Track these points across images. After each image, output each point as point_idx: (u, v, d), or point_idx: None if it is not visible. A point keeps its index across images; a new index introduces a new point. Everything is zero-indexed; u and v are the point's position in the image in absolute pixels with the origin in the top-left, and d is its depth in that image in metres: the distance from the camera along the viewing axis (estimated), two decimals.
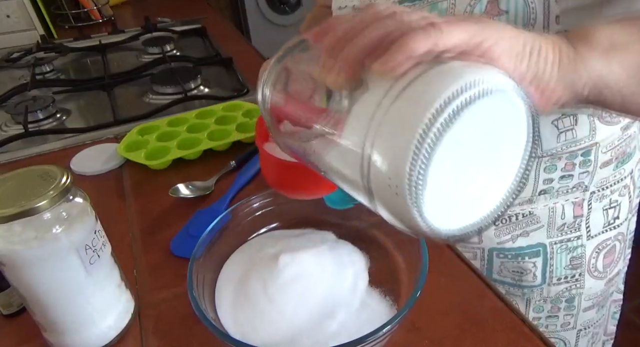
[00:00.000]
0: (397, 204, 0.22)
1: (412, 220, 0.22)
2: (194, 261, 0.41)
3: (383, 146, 0.22)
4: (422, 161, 0.20)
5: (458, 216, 0.24)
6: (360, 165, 0.23)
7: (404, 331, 0.43)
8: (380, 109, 0.22)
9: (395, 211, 0.23)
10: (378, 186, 0.23)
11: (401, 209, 0.22)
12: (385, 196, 0.22)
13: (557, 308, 0.57)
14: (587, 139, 0.48)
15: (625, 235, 0.58)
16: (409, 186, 0.21)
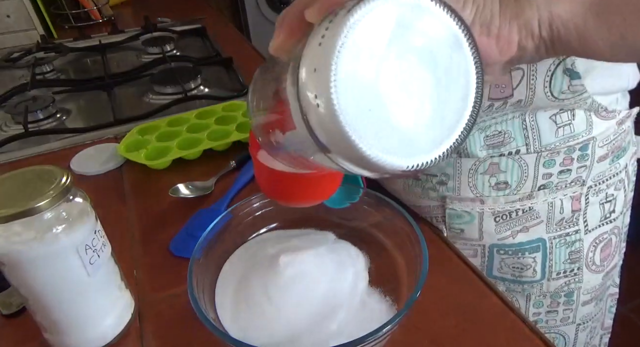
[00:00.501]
0: (328, 124, 0.21)
1: (345, 138, 0.21)
2: (194, 261, 0.41)
3: (303, 66, 0.21)
4: (335, 63, 0.20)
5: (400, 143, 0.22)
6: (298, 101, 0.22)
7: (404, 331, 0.43)
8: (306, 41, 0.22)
9: (331, 135, 0.21)
10: (311, 116, 0.22)
11: (332, 126, 0.21)
12: (318, 120, 0.21)
13: (556, 303, 0.58)
14: (584, 134, 0.48)
15: (621, 228, 0.58)
16: (328, 91, 0.20)
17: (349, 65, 0.20)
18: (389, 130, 0.22)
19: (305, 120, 0.22)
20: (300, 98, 0.22)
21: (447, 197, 0.53)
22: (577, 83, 0.44)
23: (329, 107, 0.20)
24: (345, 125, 0.20)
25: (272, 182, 0.39)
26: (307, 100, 0.21)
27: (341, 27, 0.20)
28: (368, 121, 0.21)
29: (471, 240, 0.55)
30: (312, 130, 0.22)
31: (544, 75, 0.43)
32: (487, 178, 0.51)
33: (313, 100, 0.21)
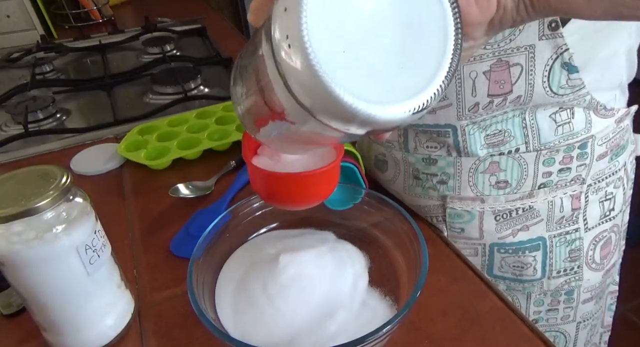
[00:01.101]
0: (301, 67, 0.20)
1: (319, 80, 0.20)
2: (194, 261, 0.41)
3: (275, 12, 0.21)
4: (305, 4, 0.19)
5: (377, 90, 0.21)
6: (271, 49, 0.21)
7: (404, 331, 0.43)
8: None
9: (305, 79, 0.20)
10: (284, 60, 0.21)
11: (305, 69, 0.20)
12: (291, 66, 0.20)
13: (557, 301, 0.58)
14: (583, 132, 0.49)
15: (620, 227, 0.59)
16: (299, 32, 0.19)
17: (321, 7, 0.19)
18: (369, 76, 0.21)
19: (286, 85, 0.21)
20: (274, 48, 0.21)
21: (447, 196, 0.53)
22: (575, 77, 0.44)
23: (301, 47, 0.19)
24: (317, 65, 0.19)
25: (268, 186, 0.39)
26: (278, 44, 0.20)
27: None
28: (343, 64, 0.20)
29: (471, 239, 0.55)
30: (296, 96, 0.21)
31: (542, 69, 0.44)
32: (488, 177, 0.51)
33: (285, 41, 0.20)
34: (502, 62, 0.43)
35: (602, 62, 0.46)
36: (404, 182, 0.57)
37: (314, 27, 0.19)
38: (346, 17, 0.20)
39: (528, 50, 0.43)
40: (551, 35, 0.42)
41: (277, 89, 0.22)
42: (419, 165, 0.54)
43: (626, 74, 0.51)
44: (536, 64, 0.43)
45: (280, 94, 0.22)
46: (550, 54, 0.43)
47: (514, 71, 0.44)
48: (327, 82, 0.20)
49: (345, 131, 0.23)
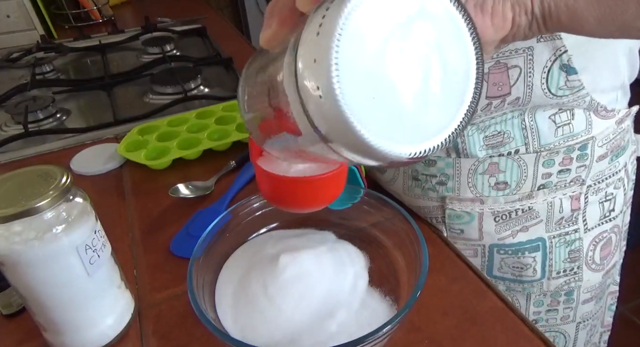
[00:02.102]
0: (331, 114, 0.20)
1: (349, 127, 0.20)
2: (194, 261, 0.41)
3: (301, 57, 0.21)
4: (336, 53, 0.19)
5: (403, 130, 0.22)
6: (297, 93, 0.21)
7: (404, 331, 0.43)
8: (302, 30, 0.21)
9: (335, 125, 0.21)
10: (312, 107, 0.21)
11: (336, 117, 0.20)
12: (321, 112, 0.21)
13: (556, 302, 0.58)
14: (583, 133, 0.48)
15: (621, 227, 0.58)
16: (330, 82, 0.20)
17: (349, 54, 0.20)
18: (393, 118, 0.21)
19: (305, 112, 0.22)
20: (300, 90, 0.21)
21: (446, 197, 0.53)
22: (574, 78, 0.44)
23: (332, 98, 0.20)
24: (349, 115, 0.20)
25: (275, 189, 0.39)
26: (307, 92, 0.21)
27: (339, 14, 0.20)
28: (372, 110, 0.21)
29: (471, 240, 0.55)
30: (313, 122, 0.22)
31: (541, 71, 0.44)
32: (487, 178, 0.51)
33: (314, 91, 0.20)
34: (501, 65, 0.43)
35: (602, 63, 0.46)
36: (403, 183, 0.57)
37: (345, 80, 0.20)
38: (374, 62, 0.21)
39: (526, 53, 0.43)
40: (549, 37, 0.42)
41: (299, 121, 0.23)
42: (418, 166, 0.54)
43: (628, 74, 0.50)
44: (535, 66, 0.43)
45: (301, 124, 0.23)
46: (549, 56, 0.43)
47: (512, 73, 0.44)
48: (357, 128, 0.20)
49: (358, 161, 0.24)
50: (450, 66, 0.23)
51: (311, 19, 0.21)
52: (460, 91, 0.23)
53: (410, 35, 0.21)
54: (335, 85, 0.20)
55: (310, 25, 0.21)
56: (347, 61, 0.20)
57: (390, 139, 0.21)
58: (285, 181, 0.36)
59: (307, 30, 0.21)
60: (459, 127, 0.23)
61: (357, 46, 0.20)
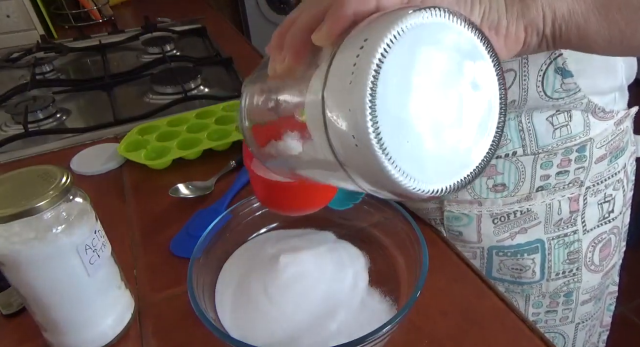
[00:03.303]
0: (367, 163, 0.21)
1: (386, 175, 0.21)
2: (194, 261, 0.41)
3: (333, 105, 0.21)
4: (371, 102, 0.20)
5: (435, 169, 0.22)
6: (326, 137, 0.22)
7: (404, 331, 0.43)
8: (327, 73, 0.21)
9: (369, 172, 0.21)
10: (345, 152, 0.21)
11: (372, 165, 0.21)
12: (354, 158, 0.21)
13: (555, 303, 0.58)
14: (581, 135, 0.48)
15: (620, 228, 0.58)
16: (367, 132, 0.20)
17: (384, 102, 0.20)
18: (426, 159, 0.22)
19: (334, 153, 0.22)
20: (329, 133, 0.21)
21: (444, 199, 0.53)
22: (569, 81, 0.44)
23: (369, 148, 0.20)
24: (385, 162, 0.20)
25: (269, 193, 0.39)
26: (340, 139, 0.21)
27: (372, 62, 0.20)
28: (406, 153, 0.21)
29: (470, 242, 0.55)
30: (342, 164, 0.22)
31: (536, 75, 0.43)
32: (485, 180, 0.51)
33: (349, 139, 0.20)
34: None
35: (599, 65, 0.46)
36: None
37: (382, 130, 0.20)
38: (409, 107, 0.21)
39: (521, 57, 0.43)
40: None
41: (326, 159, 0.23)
42: None
43: (625, 75, 0.50)
44: (530, 69, 0.43)
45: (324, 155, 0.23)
46: (544, 60, 0.43)
47: (507, 77, 0.44)
48: (392, 173, 0.21)
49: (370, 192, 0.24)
50: (476, 104, 0.23)
51: (340, 62, 0.21)
52: (484, 129, 0.24)
53: (441, 77, 0.21)
54: (372, 135, 0.20)
55: (340, 70, 0.21)
56: (382, 110, 0.20)
57: (420, 181, 0.21)
58: (279, 185, 0.36)
59: (335, 74, 0.21)
60: (483, 163, 0.24)
61: (391, 93, 0.20)
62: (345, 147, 0.21)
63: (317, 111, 0.22)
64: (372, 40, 0.20)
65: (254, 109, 0.30)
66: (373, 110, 0.20)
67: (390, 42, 0.20)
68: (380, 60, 0.20)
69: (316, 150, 0.23)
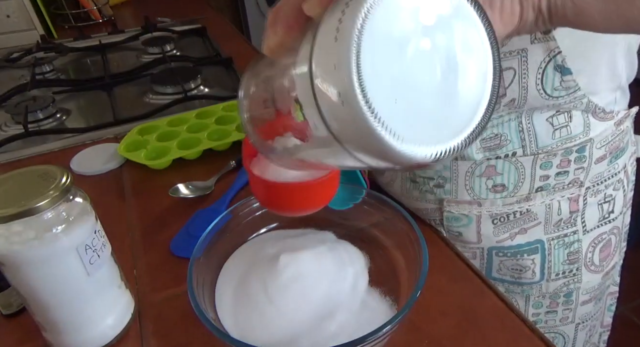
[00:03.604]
0: (355, 123, 0.20)
1: (376, 135, 0.20)
2: (194, 261, 0.41)
3: (319, 65, 0.20)
4: (356, 56, 0.19)
5: (429, 131, 0.22)
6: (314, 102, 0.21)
7: (404, 331, 0.43)
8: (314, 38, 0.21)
9: (359, 135, 0.20)
10: (333, 114, 0.21)
11: (360, 125, 0.20)
12: (343, 121, 0.20)
13: (555, 303, 0.58)
14: (581, 135, 0.48)
15: (621, 228, 0.58)
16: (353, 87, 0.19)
17: (371, 58, 0.19)
18: (416, 120, 0.21)
19: (323, 118, 0.21)
20: (317, 97, 0.21)
21: (444, 200, 0.53)
22: (568, 78, 0.44)
23: (355, 104, 0.19)
24: (374, 122, 0.19)
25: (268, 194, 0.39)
26: (326, 98, 0.20)
27: (357, 16, 0.19)
28: (395, 113, 0.20)
29: (469, 243, 0.55)
30: (331, 127, 0.21)
31: (535, 72, 0.43)
32: (484, 181, 0.51)
33: (335, 98, 0.20)
34: None
35: (599, 65, 0.46)
36: (401, 185, 0.57)
37: (368, 85, 0.19)
38: (395, 64, 0.20)
39: (520, 54, 0.43)
40: (543, 38, 0.42)
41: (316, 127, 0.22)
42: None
43: (626, 74, 0.50)
44: (529, 67, 0.43)
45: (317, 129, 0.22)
46: (543, 57, 0.43)
47: (506, 75, 0.44)
48: (381, 134, 0.20)
49: (376, 165, 0.23)
50: (468, 64, 0.22)
51: (325, 23, 0.21)
52: (479, 90, 0.23)
53: (428, 34, 0.21)
54: (357, 91, 0.19)
55: (326, 29, 0.20)
56: (368, 65, 0.19)
57: (413, 142, 0.21)
58: (278, 186, 0.36)
59: (321, 34, 0.21)
60: (480, 126, 0.23)
61: (378, 48, 0.20)
62: (333, 110, 0.20)
63: (305, 79, 0.21)
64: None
65: (251, 97, 0.29)
66: (358, 65, 0.19)
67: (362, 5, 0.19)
68: (365, 14, 0.19)
69: (310, 126, 0.23)
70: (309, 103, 0.21)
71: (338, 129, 0.21)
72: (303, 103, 0.22)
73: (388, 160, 0.22)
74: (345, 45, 0.19)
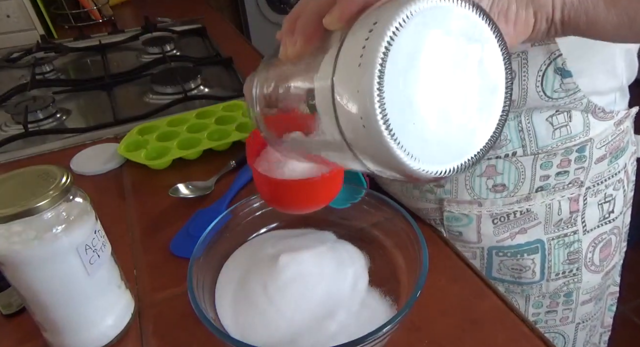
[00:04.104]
0: (374, 144, 0.21)
1: (392, 155, 0.21)
2: (194, 261, 0.41)
3: (342, 87, 0.21)
4: (379, 84, 0.20)
5: (439, 151, 0.23)
6: (335, 119, 0.22)
7: (404, 331, 0.43)
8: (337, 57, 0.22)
9: (376, 153, 0.22)
10: (353, 133, 0.22)
11: (379, 146, 0.21)
12: (362, 139, 0.22)
13: (555, 303, 0.58)
14: (581, 135, 0.48)
15: (621, 228, 0.58)
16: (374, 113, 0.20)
17: (392, 84, 0.20)
18: (429, 140, 0.22)
19: (342, 135, 0.22)
20: (337, 113, 0.22)
21: (444, 199, 0.53)
22: (568, 81, 0.44)
23: (376, 129, 0.20)
24: (390, 142, 0.21)
25: (272, 191, 0.39)
26: (347, 116, 0.21)
27: (380, 45, 0.20)
28: (412, 135, 0.21)
29: (469, 243, 0.55)
30: (350, 146, 0.22)
31: (535, 75, 0.43)
32: (484, 180, 0.51)
33: (356, 119, 0.21)
34: None
35: (599, 66, 0.46)
36: (402, 185, 0.57)
37: (389, 111, 0.20)
38: (416, 90, 0.21)
39: (521, 57, 0.43)
40: (544, 41, 0.42)
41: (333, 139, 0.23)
42: None
43: (626, 75, 0.50)
44: (529, 69, 0.43)
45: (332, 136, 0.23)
46: (543, 60, 0.43)
47: None
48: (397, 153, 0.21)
49: (379, 173, 0.24)
50: (484, 87, 0.23)
51: (350, 44, 0.21)
52: (490, 111, 0.24)
53: (448, 56, 0.22)
54: (379, 117, 0.20)
55: (349, 52, 0.21)
56: (390, 92, 0.20)
57: (424, 160, 0.22)
58: (283, 184, 0.37)
59: (345, 55, 0.21)
60: (487, 146, 0.24)
61: (399, 75, 0.20)
62: (353, 128, 0.21)
63: (326, 94, 0.22)
64: (381, 23, 0.20)
65: (265, 95, 0.30)
66: (381, 92, 0.20)
67: (399, 25, 0.20)
68: (389, 42, 0.20)
69: (325, 133, 0.24)
70: (328, 113, 0.22)
71: (354, 140, 0.22)
72: (321, 112, 0.23)
73: (397, 173, 0.23)
74: (369, 74, 0.20)
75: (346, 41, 0.22)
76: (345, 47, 0.22)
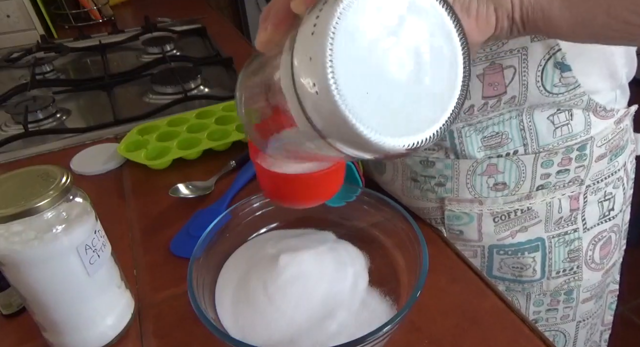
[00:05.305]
0: (329, 112, 0.21)
1: (349, 125, 0.21)
2: (194, 261, 0.41)
3: (297, 57, 0.22)
4: (330, 49, 0.20)
5: (402, 122, 0.23)
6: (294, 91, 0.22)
7: (404, 331, 0.43)
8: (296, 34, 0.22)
9: (334, 124, 0.22)
10: (309, 103, 0.22)
11: (334, 114, 0.21)
12: (319, 110, 0.22)
13: (556, 301, 0.58)
14: (582, 134, 0.48)
15: (621, 226, 0.58)
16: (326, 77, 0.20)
17: (343, 51, 0.20)
18: (388, 111, 0.22)
19: (302, 109, 0.22)
20: (296, 88, 0.22)
21: (445, 198, 0.53)
22: (568, 75, 0.44)
23: (327, 94, 0.20)
24: (345, 110, 0.21)
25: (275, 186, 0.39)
26: (304, 89, 0.21)
27: (332, 13, 0.20)
28: (367, 104, 0.21)
29: (470, 241, 0.55)
30: (310, 118, 0.22)
31: (535, 70, 0.44)
32: (485, 179, 0.51)
33: (311, 88, 0.21)
34: (496, 65, 0.44)
35: (598, 63, 0.46)
36: (402, 184, 0.57)
37: (340, 76, 0.20)
38: (367, 57, 0.21)
39: (521, 53, 0.43)
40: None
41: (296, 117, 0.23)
42: (416, 167, 0.54)
43: (625, 73, 0.50)
44: (529, 64, 0.43)
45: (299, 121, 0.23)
46: (543, 55, 0.43)
47: (507, 73, 0.44)
48: (353, 123, 0.21)
49: (354, 155, 0.24)
50: (439, 59, 0.24)
51: (306, 20, 0.22)
52: (450, 83, 0.24)
53: (401, 30, 0.22)
54: (330, 81, 0.20)
55: (305, 26, 0.22)
56: (341, 58, 0.20)
57: (385, 133, 0.22)
58: (285, 178, 0.37)
59: (302, 30, 0.22)
60: (451, 117, 0.24)
61: (350, 43, 0.21)
62: (309, 98, 0.21)
63: (287, 72, 0.22)
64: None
65: (246, 93, 0.30)
66: (330, 57, 0.20)
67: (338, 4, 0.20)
68: (340, 12, 0.20)
69: (296, 119, 0.24)
70: (291, 94, 0.22)
71: (316, 119, 0.22)
72: (286, 95, 0.23)
73: (360, 149, 0.23)
74: (320, 39, 0.20)
75: (305, 18, 0.22)
76: (303, 22, 0.22)
